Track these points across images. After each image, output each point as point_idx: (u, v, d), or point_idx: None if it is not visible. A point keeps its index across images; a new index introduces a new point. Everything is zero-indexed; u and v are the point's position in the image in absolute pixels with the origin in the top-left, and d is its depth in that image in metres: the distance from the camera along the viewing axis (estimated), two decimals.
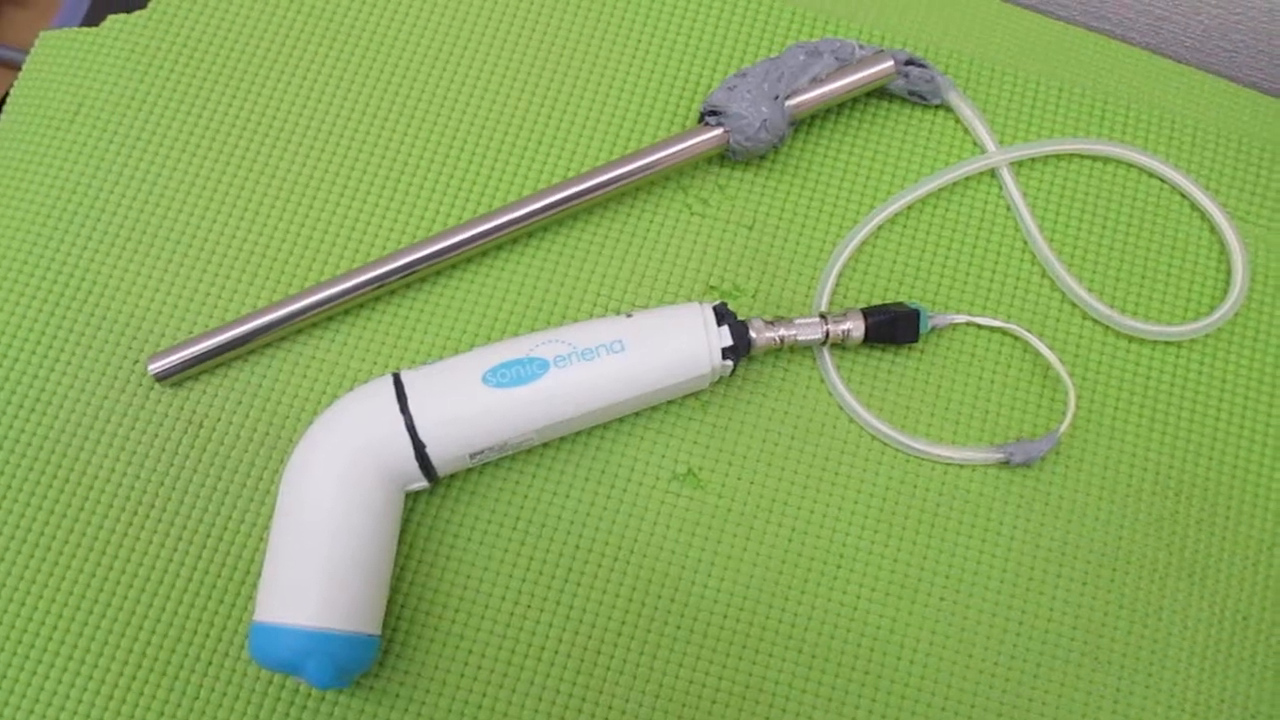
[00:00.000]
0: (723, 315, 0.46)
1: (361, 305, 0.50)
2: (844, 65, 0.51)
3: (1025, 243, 0.52)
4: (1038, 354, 0.50)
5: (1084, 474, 0.49)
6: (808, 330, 0.48)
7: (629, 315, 0.46)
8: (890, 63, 0.51)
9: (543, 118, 0.53)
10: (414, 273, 0.49)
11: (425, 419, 0.43)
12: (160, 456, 0.47)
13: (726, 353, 0.46)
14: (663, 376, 0.45)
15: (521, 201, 0.50)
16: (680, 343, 0.45)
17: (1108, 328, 0.51)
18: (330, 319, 0.50)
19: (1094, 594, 0.47)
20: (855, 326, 0.48)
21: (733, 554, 0.47)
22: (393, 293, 0.50)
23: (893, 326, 0.49)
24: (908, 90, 0.53)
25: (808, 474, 0.48)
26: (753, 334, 0.47)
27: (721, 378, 0.48)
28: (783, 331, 0.47)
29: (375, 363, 0.49)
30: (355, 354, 0.49)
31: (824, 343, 0.48)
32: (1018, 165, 0.53)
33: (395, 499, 0.44)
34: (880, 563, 0.47)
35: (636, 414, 0.48)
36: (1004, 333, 0.51)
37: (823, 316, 0.48)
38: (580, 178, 0.50)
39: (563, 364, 0.44)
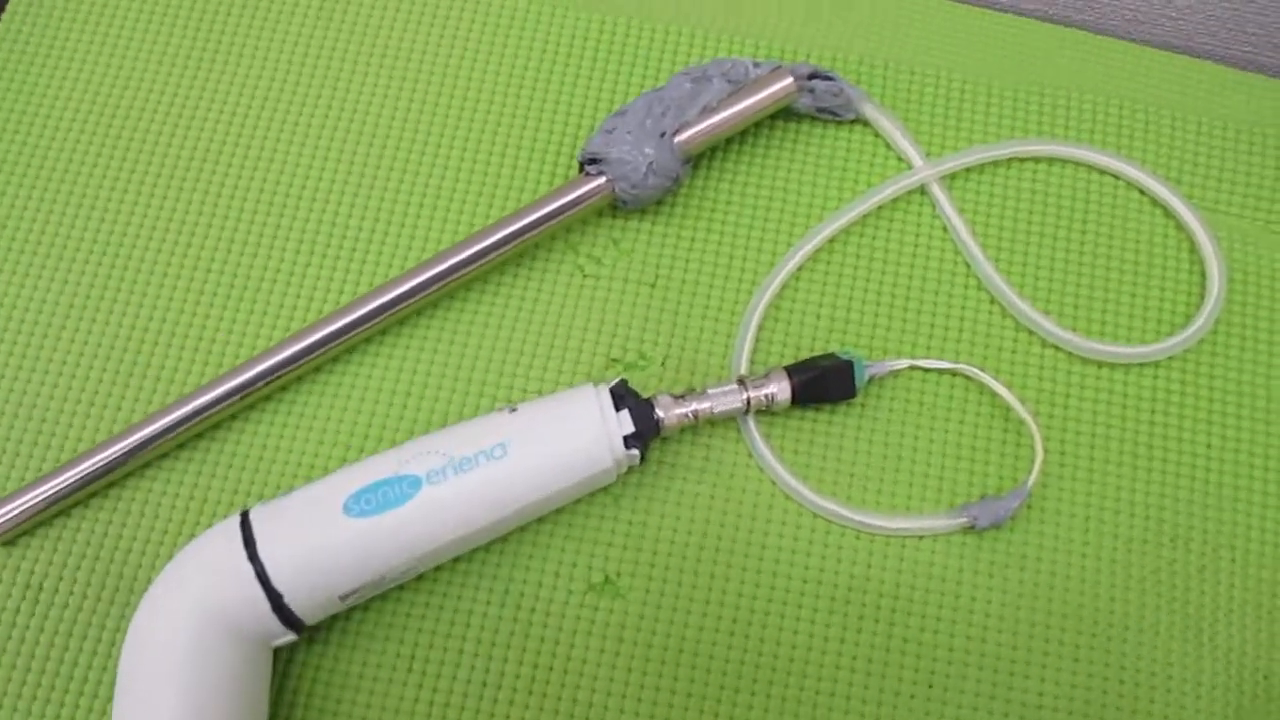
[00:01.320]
0: (622, 397, 0.40)
1: (215, 427, 0.43)
2: (738, 88, 0.45)
3: (968, 266, 0.45)
4: (995, 395, 0.43)
5: (1063, 529, 0.42)
6: (725, 400, 0.41)
7: (512, 409, 0.40)
8: (789, 79, 0.45)
9: (404, 192, 0.47)
10: (271, 383, 0.43)
11: (279, 565, 0.37)
12: None
13: (630, 441, 0.39)
14: (555, 480, 0.39)
15: (385, 286, 0.43)
16: (573, 437, 0.39)
17: (1071, 354, 0.44)
18: (181, 447, 0.43)
19: (1090, 668, 0.40)
20: (780, 389, 0.42)
21: (664, 668, 0.40)
22: (250, 408, 0.44)
23: (824, 383, 0.42)
24: (816, 108, 0.47)
25: (744, 566, 0.41)
26: (659, 414, 0.40)
27: (631, 468, 0.41)
28: (695, 405, 0.41)
29: (234, 493, 0.42)
30: (210, 486, 0.42)
31: (746, 411, 0.42)
32: (949, 179, 0.47)
33: (258, 658, 0.38)
34: (839, 660, 0.40)
35: (541, 519, 0.42)
36: (954, 374, 0.44)
37: (741, 381, 0.42)
38: (449, 251, 0.43)
39: (437, 480, 0.38)
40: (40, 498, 0.41)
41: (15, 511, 0.41)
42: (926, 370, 0.44)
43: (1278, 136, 0.48)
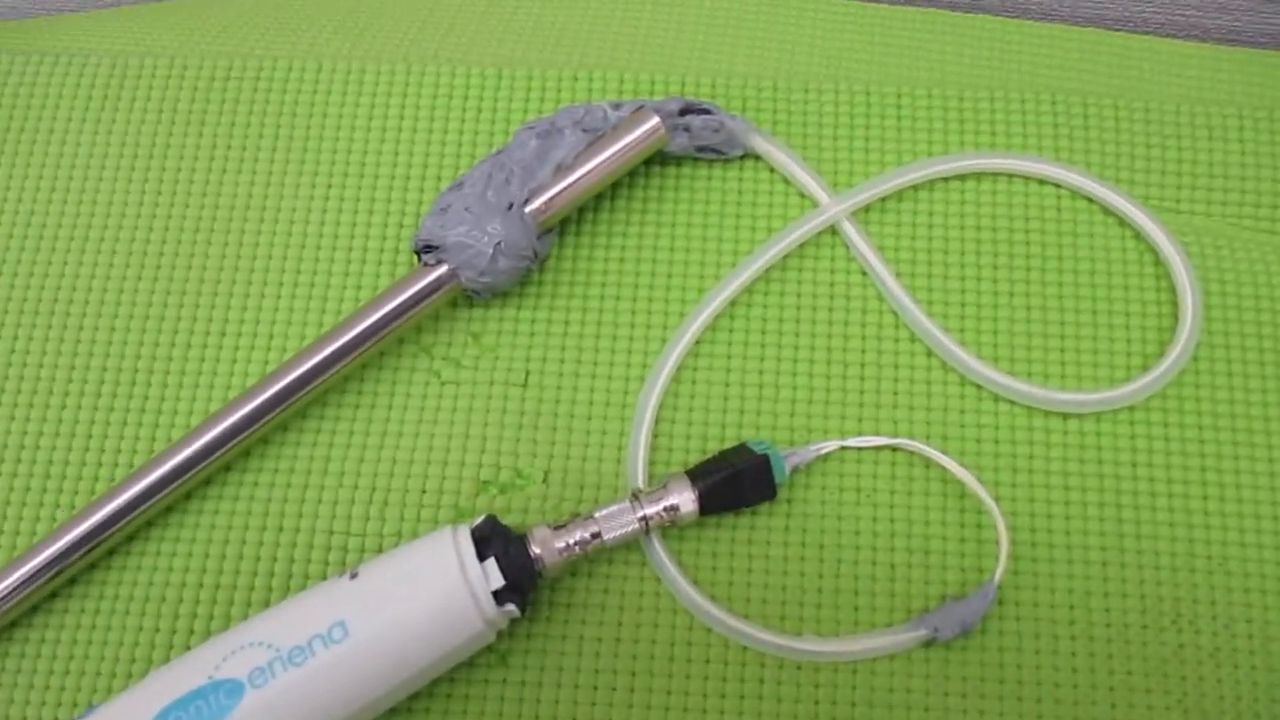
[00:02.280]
0: (488, 539, 0.32)
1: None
2: (596, 138, 0.37)
3: (895, 315, 0.38)
4: (944, 470, 0.36)
5: (1043, 624, 0.35)
6: (616, 523, 0.34)
7: (353, 575, 0.32)
8: (655, 119, 0.37)
9: (204, 315, 0.39)
10: (60, 573, 0.35)
11: None
12: None
13: (503, 595, 0.32)
14: (411, 660, 0.31)
15: (198, 431, 0.35)
16: (429, 602, 0.31)
17: (1031, 409, 0.37)
18: None
19: None
20: (683, 500, 0.34)
21: None
22: (34, 609, 0.36)
23: (736, 486, 0.35)
24: (695, 147, 0.39)
25: (665, 718, 0.34)
26: (537, 552, 0.33)
27: (513, 620, 0.34)
28: (580, 535, 0.33)
29: (36, 714, 0.34)
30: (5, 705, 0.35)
31: (646, 533, 0.34)
32: (863, 212, 0.39)
33: None
34: None
35: (412, 695, 0.34)
36: (893, 451, 0.36)
37: (635, 497, 0.34)
38: (266, 381, 0.36)
39: (262, 681, 0.30)
40: None
41: None
42: (860, 450, 0.37)
43: (1238, 112, 0.40)
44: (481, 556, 0.32)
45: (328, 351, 0.36)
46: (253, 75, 0.42)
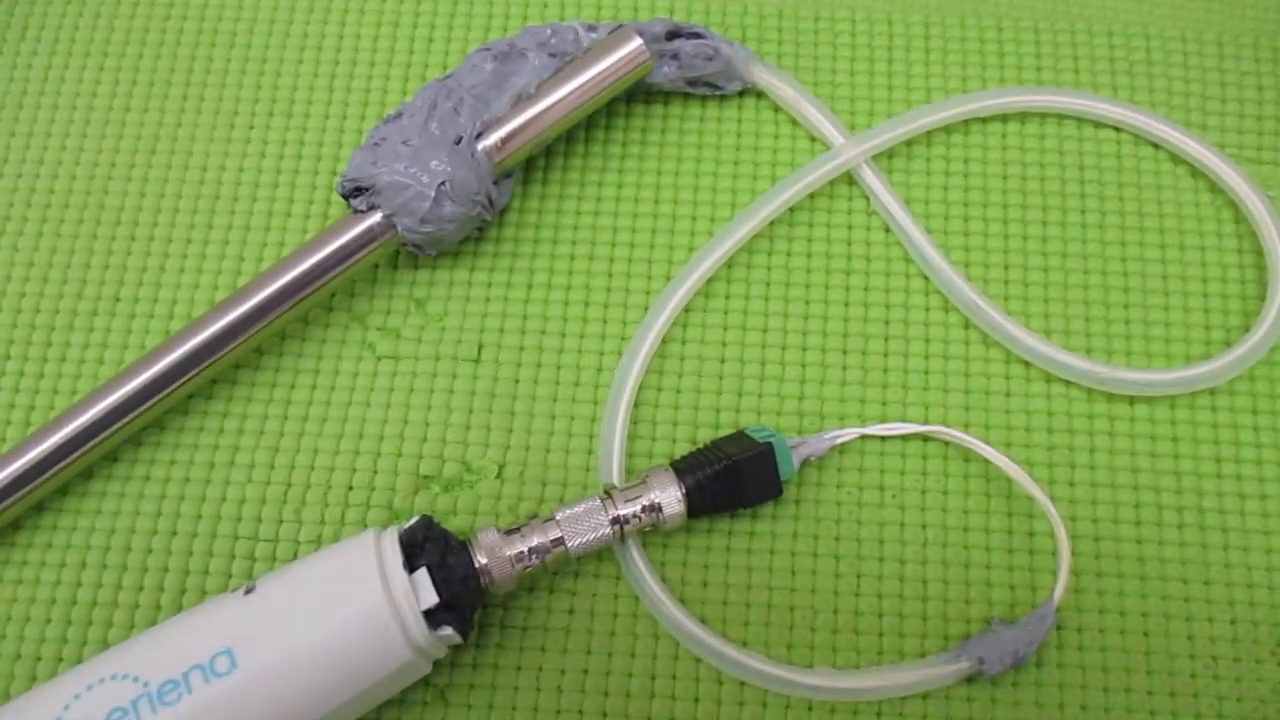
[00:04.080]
0: (420, 546, 0.26)
1: None
2: (565, 63, 0.31)
3: (926, 280, 0.31)
4: (986, 463, 0.29)
5: (1111, 655, 0.28)
6: (582, 526, 0.27)
7: (248, 589, 0.25)
8: (637, 41, 0.31)
9: (109, 278, 0.32)
10: None
11: None
12: None
13: (437, 616, 0.25)
14: (314, 700, 0.25)
15: (73, 411, 0.29)
16: (339, 627, 0.25)
17: (1090, 391, 0.30)
18: None
19: None
20: (667, 498, 0.27)
21: None
22: None
23: (732, 482, 0.28)
24: (685, 79, 0.33)
25: None
26: (483, 562, 0.26)
27: (453, 647, 0.27)
28: (537, 540, 0.27)
29: None
30: None
31: (621, 539, 0.27)
32: (886, 159, 0.33)
33: None
34: None
35: None
36: (924, 440, 0.30)
37: (608, 494, 0.27)
38: (167, 346, 0.29)
39: None
40: None
41: None
42: (884, 439, 0.30)
43: None
44: (411, 567, 0.25)
45: (235, 314, 0.29)
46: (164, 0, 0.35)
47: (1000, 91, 0.33)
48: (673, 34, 0.32)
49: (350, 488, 0.30)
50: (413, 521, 0.27)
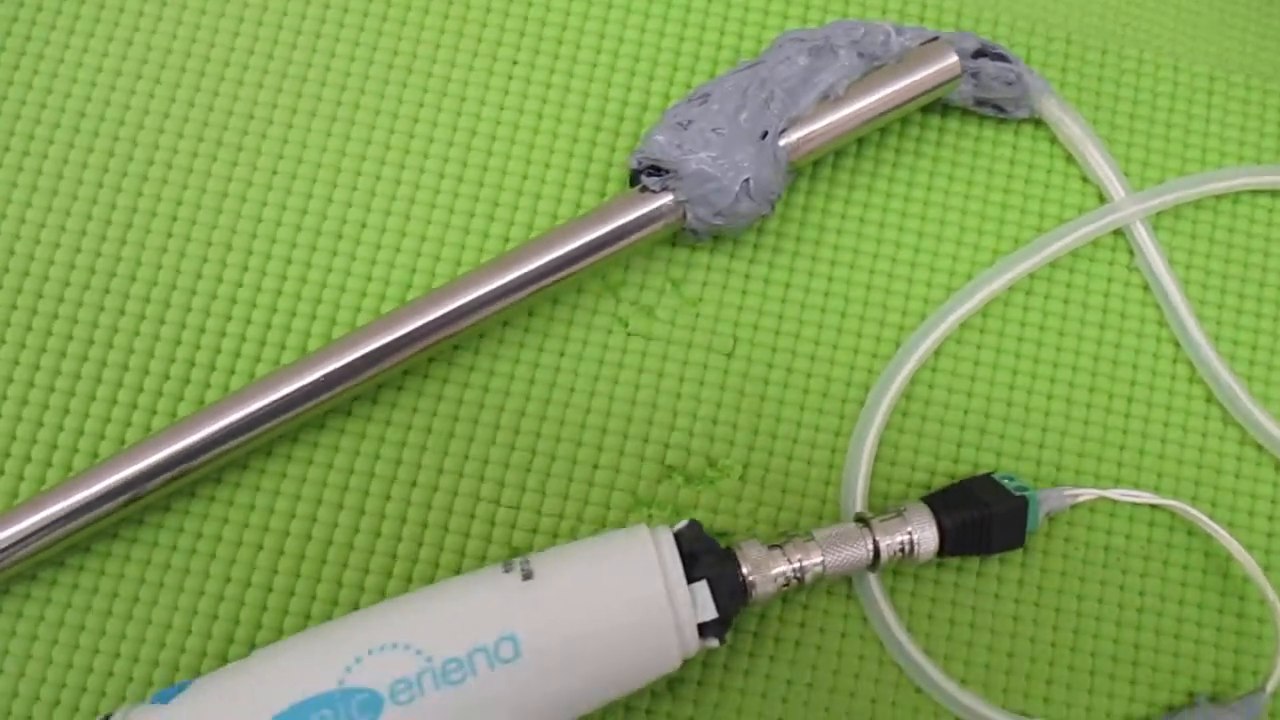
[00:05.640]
0: (695, 556, 0.26)
1: (46, 562, 0.28)
2: (874, 67, 0.30)
3: (1176, 346, 0.32)
4: (1211, 543, 0.30)
5: None
6: (843, 553, 0.27)
7: (525, 572, 0.25)
8: (953, 58, 0.30)
9: (377, 213, 0.31)
10: (136, 498, 0.27)
11: None
12: None
13: (709, 630, 0.25)
14: (593, 693, 0.25)
15: (331, 350, 0.28)
16: (620, 632, 0.25)
17: None
18: None
19: None
20: (923, 535, 0.28)
21: None
22: (115, 535, 0.28)
23: (985, 528, 0.28)
24: (975, 98, 0.32)
25: None
26: (748, 577, 0.26)
27: (703, 653, 0.27)
28: (800, 560, 0.27)
29: (63, 675, 0.28)
30: (36, 653, 0.28)
31: (872, 567, 0.28)
32: (1157, 218, 0.32)
33: None
34: None
35: None
36: (1156, 511, 0.30)
37: (864, 522, 0.28)
38: (422, 302, 0.28)
39: (407, 698, 0.24)
40: None
41: None
42: (1116, 503, 0.30)
43: None
44: (690, 577, 0.25)
45: (508, 278, 0.28)
46: None
47: None
48: (979, 52, 0.31)
49: (596, 466, 0.30)
50: (682, 525, 0.27)
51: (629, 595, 0.25)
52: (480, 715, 0.24)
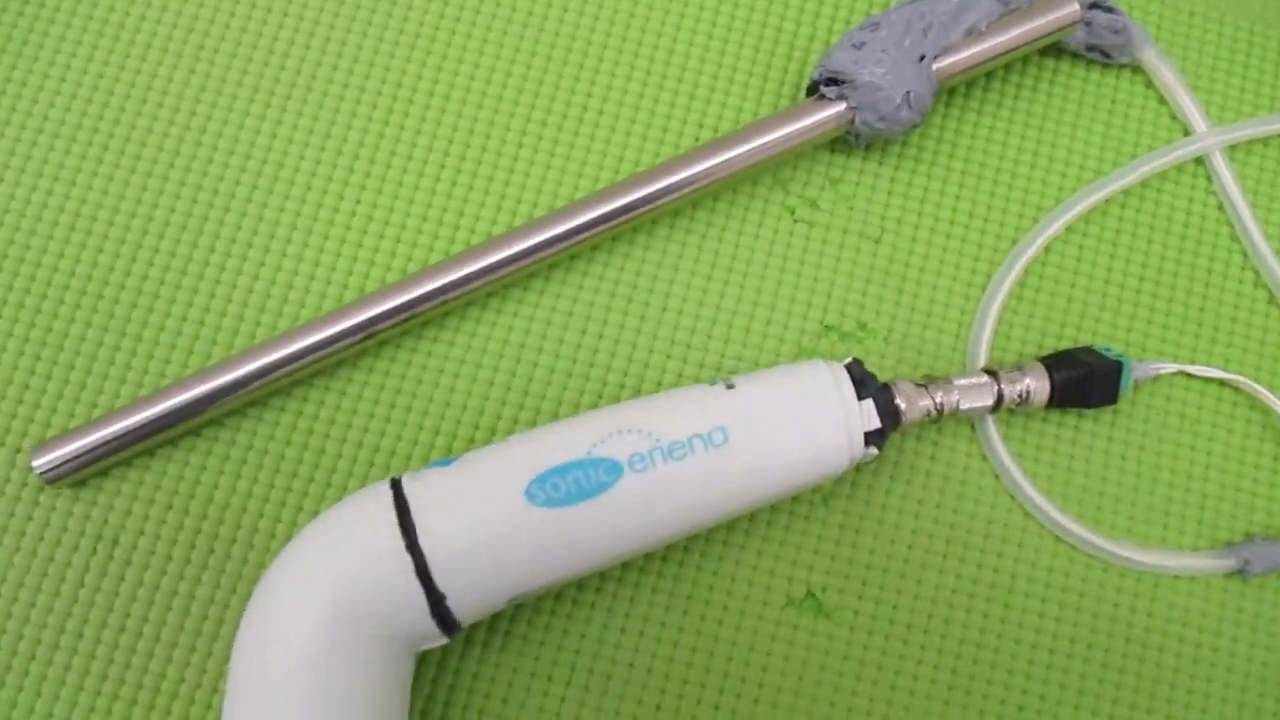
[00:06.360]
0: (862, 382, 0.32)
1: (339, 364, 0.35)
2: (1010, 10, 0.36)
3: (1245, 256, 0.38)
4: (1269, 415, 0.36)
5: None
6: (974, 395, 0.34)
7: (729, 385, 0.32)
8: (1075, 7, 0.36)
9: (591, 103, 0.38)
10: (410, 317, 0.34)
11: (444, 559, 0.29)
12: (57, 588, 0.33)
13: (871, 438, 0.32)
14: (783, 478, 0.32)
15: (559, 214, 0.35)
16: (809, 429, 0.31)
17: None
18: (295, 384, 0.35)
19: None
20: (1038, 387, 0.34)
21: (873, 705, 0.34)
22: (382, 344, 0.35)
23: (1086, 385, 0.35)
24: (1086, 44, 0.38)
25: (971, 591, 0.35)
26: (901, 404, 0.33)
27: (858, 467, 0.34)
28: (941, 398, 0.33)
29: (357, 445, 0.34)
30: (329, 434, 0.34)
31: (994, 410, 0.34)
32: (1231, 150, 0.39)
33: (402, 664, 0.30)
34: (1077, 708, 0.34)
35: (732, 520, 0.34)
36: (1224, 385, 0.37)
37: (991, 374, 0.34)
38: (638, 180, 0.35)
39: (641, 467, 0.30)
40: (116, 433, 0.33)
41: (84, 447, 0.33)
42: (1193, 377, 0.37)
43: None
44: (859, 395, 0.32)
45: (706, 163, 0.35)
46: None
47: None
48: (1093, 4, 0.38)
49: (768, 322, 0.36)
50: (848, 360, 0.33)
51: (812, 402, 0.32)
52: (693, 486, 0.31)
